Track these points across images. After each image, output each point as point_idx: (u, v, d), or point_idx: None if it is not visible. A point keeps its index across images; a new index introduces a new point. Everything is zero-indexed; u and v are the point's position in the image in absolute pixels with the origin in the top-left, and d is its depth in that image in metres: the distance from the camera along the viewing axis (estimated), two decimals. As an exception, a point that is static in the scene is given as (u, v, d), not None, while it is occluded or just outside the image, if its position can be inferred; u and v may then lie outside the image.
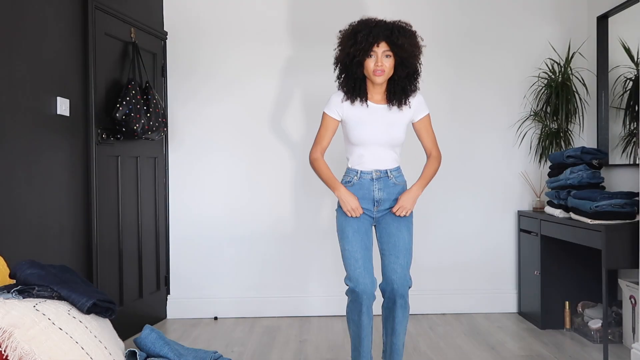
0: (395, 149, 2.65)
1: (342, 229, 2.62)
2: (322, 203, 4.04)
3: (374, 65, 2.52)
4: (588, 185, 3.37)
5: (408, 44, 2.53)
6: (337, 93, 2.68)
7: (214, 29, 4.03)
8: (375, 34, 2.51)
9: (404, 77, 2.59)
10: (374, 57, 2.52)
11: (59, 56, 2.91)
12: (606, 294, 3.02)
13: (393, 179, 2.62)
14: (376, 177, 2.61)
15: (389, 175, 2.62)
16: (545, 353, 3.22)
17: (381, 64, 2.51)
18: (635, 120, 3.53)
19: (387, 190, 2.61)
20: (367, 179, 2.61)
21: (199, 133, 4.03)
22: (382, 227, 2.65)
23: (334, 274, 4.05)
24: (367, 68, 2.55)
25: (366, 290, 2.51)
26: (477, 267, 4.09)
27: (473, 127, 4.08)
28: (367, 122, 2.60)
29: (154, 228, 3.85)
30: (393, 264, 2.57)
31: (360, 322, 2.56)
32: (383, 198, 2.61)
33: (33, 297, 1.68)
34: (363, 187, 2.61)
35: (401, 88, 2.60)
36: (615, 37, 3.71)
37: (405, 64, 2.56)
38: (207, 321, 3.95)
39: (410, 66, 2.58)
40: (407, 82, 2.60)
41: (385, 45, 2.52)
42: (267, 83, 4.03)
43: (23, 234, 2.61)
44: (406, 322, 2.64)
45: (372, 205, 2.62)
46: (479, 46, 4.08)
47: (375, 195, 2.61)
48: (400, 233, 2.60)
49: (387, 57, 2.53)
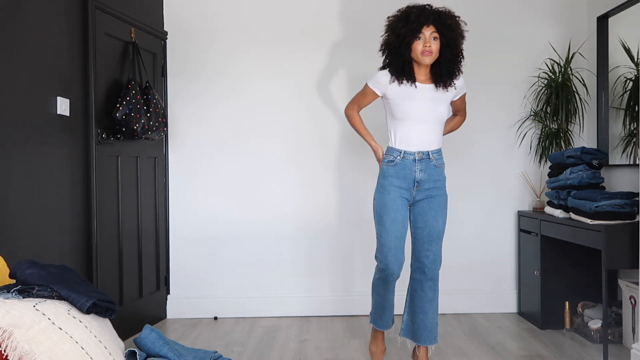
0: (439, 126, 2.78)
1: (380, 216, 2.76)
2: (323, 203, 4.05)
3: (422, 47, 2.66)
4: (588, 185, 3.37)
5: (455, 25, 2.70)
6: (384, 72, 2.78)
7: (215, 28, 4.03)
8: (425, 15, 2.66)
9: (449, 60, 2.73)
10: (422, 39, 2.66)
11: (59, 56, 2.91)
12: (606, 294, 3.02)
13: (434, 161, 2.76)
14: (419, 158, 2.74)
15: (430, 157, 2.75)
16: (545, 353, 3.22)
17: (429, 44, 2.66)
18: (635, 121, 3.53)
19: (429, 171, 2.75)
20: (409, 160, 2.73)
21: (199, 133, 4.03)
22: (418, 212, 2.79)
23: (334, 274, 4.06)
24: (414, 50, 2.68)
25: (394, 272, 2.75)
26: (477, 267, 4.09)
27: (473, 127, 4.07)
28: (414, 99, 2.72)
29: (154, 228, 3.86)
30: (426, 251, 2.78)
31: (386, 295, 2.83)
32: (424, 179, 2.74)
33: (33, 297, 1.68)
34: (405, 167, 2.73)
35: (447, 70, 2.74)
36: (615, 37, 3.71)
37: (452, 45, 2.70)
38: (207, 321, 3.95)
39: (456, 48, 2.72)
40: (452, 65, 2.75)
41: (433, 28, 2.67)
42: (267, 83, 4.03)
43: (23, 233, 2.61)
44: (437, 302, 2.84)
45: (413, 185, 2.75)
46: (479, 46, 4.07)
47: (417, 176, 2.74)
48: (436, 222, 2.77)
49: (434, 40, 2.68)
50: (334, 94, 4.02)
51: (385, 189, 2.75)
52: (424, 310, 2.81)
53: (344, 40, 4.03)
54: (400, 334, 2.95)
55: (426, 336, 2.82)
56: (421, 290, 2.82)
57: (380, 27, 2.87)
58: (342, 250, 4.04)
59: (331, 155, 4.04)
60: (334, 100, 4.01)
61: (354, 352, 3.27)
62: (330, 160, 4.04)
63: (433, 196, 2.77)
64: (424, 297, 2.81)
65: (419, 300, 2.82)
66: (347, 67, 3.99)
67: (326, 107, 4.03)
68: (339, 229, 4.04)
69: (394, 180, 2.74)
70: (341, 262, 4.05)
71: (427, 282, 2.81)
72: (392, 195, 2.73)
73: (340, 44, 4.03)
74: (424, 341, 2.84)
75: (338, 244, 4.05)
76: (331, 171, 4.04)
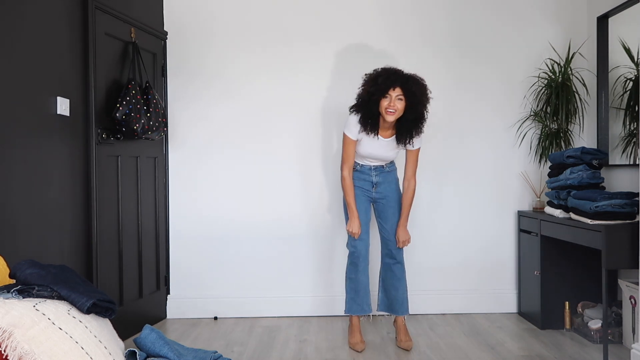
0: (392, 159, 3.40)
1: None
2: (322, 203, 4.05)
3: (387, 105, 3.12)
4: (588, 185, 3.37)
5: (418, 93, 3.12)
6: (355, 121, 3.24)
7: (215, 28, 4.03)
8: (393, 79, 3.11)
9: (411, 120, 3.18)
10: (389, 98, 3.12)
11: (59, 56, 2.91)
12: (606, 294, 3.02)
13: (386, 168, 3.39)
14: (374, 167, 3.37)
15: (383, 166, 3.38)
16: (545, 353, 3.22)
17: (394, 104, 3.11)
18: (635, 121, 3.53)
19: (382, 175, 3.38)
20: (367, 167, 3.37)
21: (199, 133, 4.03)
22: (379, 209, 3.42)
23: (334, 274, 4.05)
24: (381, 106, 3.15)
25: (362, 253, 3.35)
26: (477, 267, 4.09)
27: (473, 127, 4.09)
28: (375, 146, 3.27)
29: (154, 228, 3.86)
30: (390, 238, 3.39)
31: (358, 278, 3.37)
32: (379, 181, 3.37)
33: (33, 297, 1.68)
34: (364, 172, 3.37)
35: (407, 130, 3.21)
36: (615, 37, 3.71)
37: (414, 108, 3.14)
38: (207, 321, 3.95)
39: (418, 111, 3.17)
40: (414, 125, 3.20)
41: (399, 90, 3.11)
42: (267, 83, 4.03)
43: (23, 233, 2.61)
44: (405, 281, 3.42)
45: (371, 186, 3.38)
46: (479, 46, 4.08)
47: (373, 179, 3.37)
48: (394, 217, 3.39)
49: (399, 100, 3.12)
50: (334, 95, 4.02)
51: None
52: (395, 287, 3.39)
53: (345, 41, 4.03)
54: (377, 309, 3.51)
55: (399, 308, 3.39)
56: (390, 271, 3.40)
57: (378, 29, 2.88)
58: (342, 251, 4.04)
59: (331, 155, 4.04)
60: (334, 100, 4.01)
61: (354, 352, 3.27)
62: (330, 160, 4.04)
63: (389, 194, 3.37)
64: (393, 276, 3.40)
65: (389, 279, 3.41)
66: (348, 68, 3.99)
67: (326, 108, 4.03)
68: (339, 229, 4.04)
69: (356, 182, 3.35)
70: (341, 262, 4.04)
71: (395, 265, 3.39)
72: (356, 192, 3.34)
73: (341, 44, 4.03)
74: (398, 312, 3.41)
75: (338, 244, 4.05)
76: (331, 171, 4.04)
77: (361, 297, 3.37)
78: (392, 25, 4.02)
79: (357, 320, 3.40)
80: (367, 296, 3.38)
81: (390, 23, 4.03)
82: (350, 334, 3.39)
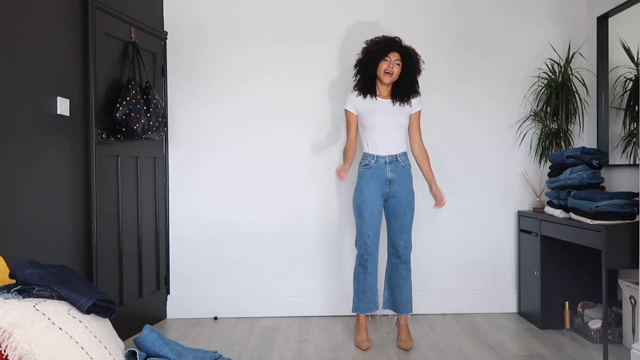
0: (400, 132, 3.35)
1: (360, 210, 3.34)
2: (323, 203, 4.05)
3: (386, 67, 3.27)
4: (588, 185, 3.37)
5: (414, 60, 3.33)
6: (352, 92, 3.40)
7: (215, 28, 4.03)
8: (393, 44, 3.29)
9: (407, 84, 3.33)
10: (388, 61, 3.28)
11: (59, 56, 2.91)
12: (606, 294, 3.02)
13: (402, 163, 3.34)
14: (389, 160, 3.31)
15: (398, 160, 3.32)
16: (545, 353, 3.22)
17: (392, 67, 3.27)
18: (635, 121, 3.53)
19: (397, 172, 3.32)
20: (382, 162, 3.31)
21: (199, 133, 4.03)
22: (391, 207, 3.37)
23: (334, 274, 4.05)
24: (379, 68, 3.29)
25: (371, 256, 3.35)
26: (477, 267, 4.09)
27: (473, 127, 4.09)
28: (377, 110, 3.32)
29: (154, 228, 3.86)
30: (399, 239, 3.37)
31: (366, 279, 3.38)
32: (394, 178, 3.32)
33: (33, 297, 1.68)
34: (379, 169, 3.31)
35: (404, 90, 3.34)
36: (615, 37, 3.71)
37: (410, 73, 3.33)
38: (207, 321, 3.95)
39: (412, 77, 3.35)
40: (409, 88, 3.35)
41: (398, 55, 3.29)
42: (267, 83, 4.03)
43: (23, 233, 2.61)
44: (410, 280, 3.43)
45: (385, 184, 3.32)
46: (479, 46, 4.08)
47: (388, 175, 3.32)
48: (405, 217, 3.36)
49: (397, 65, 3.29)
50: (334, 92, 4.02)
51: (363, 188, 3.31)
52: (400, 286, 3.41)
53: (342, 37, 4.03)
54: (383, 307, 3.53)
55: (403, 307, 3.42)
56: (396, 271, 3.41)
57: (375, 25, 2.89)
58: (342, 250, 4.04)
59: (331, 154, 4.04)
60: (334, 97, 4.01)
61: (354, 352, 3.27)
62: (331, 159, 4.04)
63: (402, 193, 3.32)
64: (399, 276, 3.41)
65: (395, 279, 3.43)
66: (346, 63, 3.98)
67: (326, 106, 4.03)
68: (339, 229, 4.05)
69: (370, 180, 3.30)
70: (341, 262, 4.05)
71: (401, 265, 3.40)
72: (369, 192, 3.30)
73: (338, 41, 4.03)
74: (402, 311, 3.42)
75: (338, 243, 4.05)
76: (331, 170, 4.04)
77: (368, 297, 3.41)
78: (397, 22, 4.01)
79: (364, 318, 3.43)
80: (374, 295, 3.42)
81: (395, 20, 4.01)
82: (357, 332, 3.43)
